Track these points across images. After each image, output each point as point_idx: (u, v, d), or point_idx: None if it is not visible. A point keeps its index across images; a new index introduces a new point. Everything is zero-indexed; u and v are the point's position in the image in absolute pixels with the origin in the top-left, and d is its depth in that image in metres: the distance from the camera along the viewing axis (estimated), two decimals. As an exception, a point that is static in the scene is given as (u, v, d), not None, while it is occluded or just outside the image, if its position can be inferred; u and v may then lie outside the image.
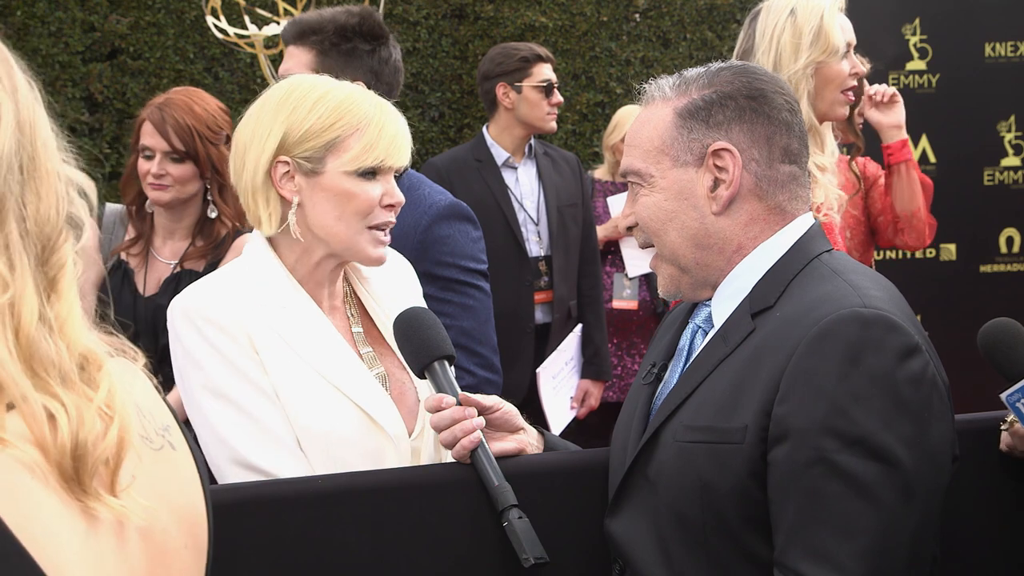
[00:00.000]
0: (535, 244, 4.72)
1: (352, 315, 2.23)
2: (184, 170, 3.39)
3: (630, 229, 1.97)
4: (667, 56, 6.47)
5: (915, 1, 6.11)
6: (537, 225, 4.74)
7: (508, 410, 2.05)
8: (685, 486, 1.79)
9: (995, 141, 6.17)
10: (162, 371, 3.29)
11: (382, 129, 2.09)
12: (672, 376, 1.95)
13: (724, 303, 1.89)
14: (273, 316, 2.08)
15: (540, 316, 4.71)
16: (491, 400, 2.03)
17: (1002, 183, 6.19)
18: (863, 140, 3.61)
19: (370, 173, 2.09)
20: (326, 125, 2.07)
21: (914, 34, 6.13)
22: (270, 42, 5.15)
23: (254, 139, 2.11)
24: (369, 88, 2.69)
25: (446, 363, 2.02)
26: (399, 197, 2.13)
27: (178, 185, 3.40)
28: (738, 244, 1.88)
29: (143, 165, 3.41)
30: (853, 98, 3.13)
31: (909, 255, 6.19)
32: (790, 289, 1.82)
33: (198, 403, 2.06)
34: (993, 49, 6.14)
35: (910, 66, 6.14)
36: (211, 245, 3.42)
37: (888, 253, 6.19)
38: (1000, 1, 6.09)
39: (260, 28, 5.12)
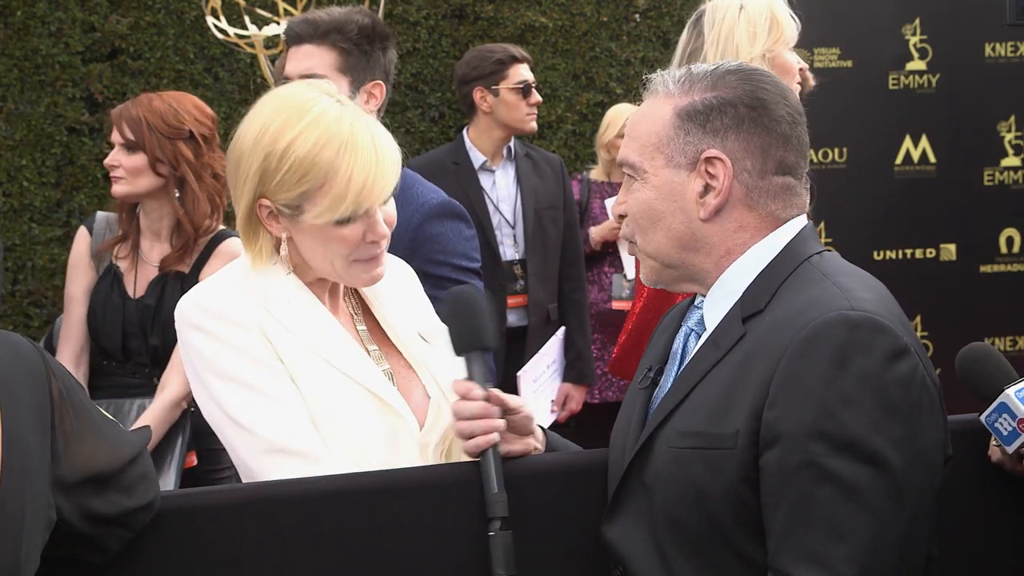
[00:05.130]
0: (510, 248, 4.69)
1: (355, 313, 2.23)
2: (134, 161, 3.39)
3: (621, 217, 1.96)
4: (667, 56, 6.46)
5: (915, 1, 6.11)
6: (513, 228, 4.70)
7: (527, 414, 2.05)
8: (680, 492, 1.78)
9: (995, 141, 6.16)
10: (154, 372, 3.34)
11: (350, 180, 2.01)
12: (667, 380, 1.95)
13: (716, 306, 1.89)
14: (279, 309, 2.08)
15: (515, 320, 4.67)
16: (515, 401, 2.02)
17: (1002, 183, 6.18)
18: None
19: (345, 220, 2.04)
20: (296, 179, 2.02)
21: (914, 34, 6.13)
22: (270, 42, 5.15)
23: (237, 175, 2.10)
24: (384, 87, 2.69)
25: (485, 355, 2.01)
26: (381, 231, 2.08)
27: (130, 177, 3.40)
28: (726, 249, 1.87)
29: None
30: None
31: (909, 255, 6.19)
32: (780, 293, 1.82)
33: (218, 399, 2.05)
34: (993, 49, 6.14)
35: (910, 66, 6.14)
36: (187, 246, 3.41)
37: (888, 253, 6.19)
38: (1000, 1, 6.09)
39: (260, 28, 5.12)
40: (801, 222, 1.91)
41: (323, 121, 2.03)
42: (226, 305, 2.06)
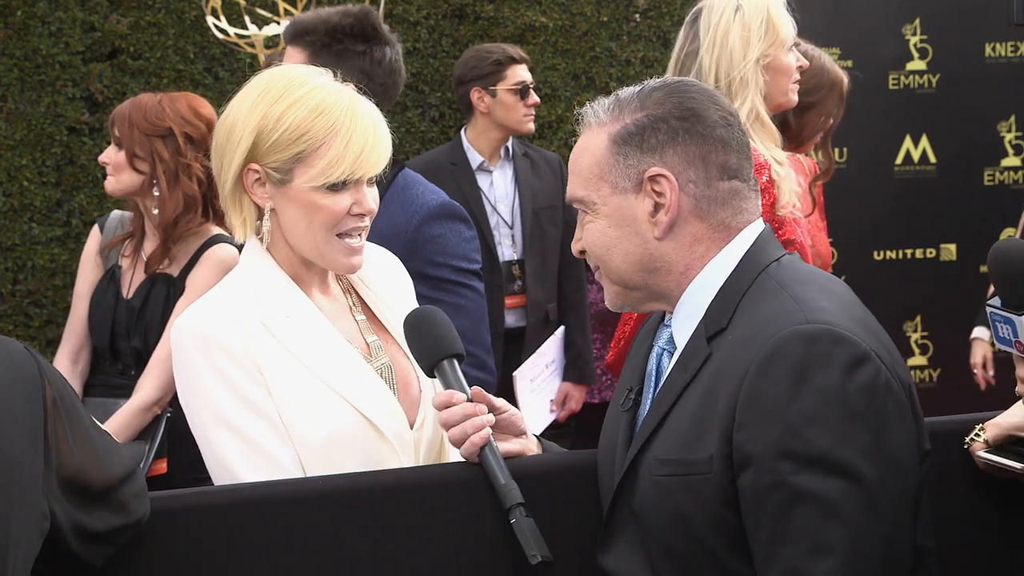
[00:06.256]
0: (508, 248, 4.68)
1: (353, 303, 2.23)
2: (119, 157, 3.39)
3: (582, 253, 1.97)
4: (667, 56, 6.44)
5: (915, 1, 6.11)
6: (511, 229, 4.69)
7: (514, 413, 2.07)
8: (667, 519, 1.79)
9: (995, 141, 6.17)
10: (140, 373, 3.32)
11: (349, 143, 2.04)
12: (646, 403, 1.95)
13: (682, 324, 1.89)
14: (278, 327, 2.08)
15: (513, 320, 4.66)
16: (500, 401, 2.04)
17: (1002, 183, 6.19)
18: (832, 163, 3.72)
19: (338, 185, 2.06)
20: (292, 138, 2.04)
21: (914, 34, 6.12)
22: (270, 42, 5.15)
23: (228, 142, 2.10)
24: (361, 89, 2.69)
25: (455, 361, 2.03)
26: (368, 206, 2.10)
27: (115, 174, 3.40)
28: (685, 265, 1.88)
29: None
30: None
31: (909, 255, 6.18)
32: (741, 309, 1.82)
33: (204, 430, 2.06)
34: (993, 49, 6.14)
35: (910, 66, 6.14)
36: (164, 246, 3.39)
37: (888, 253, 6.19)
38: (1000, 1, 6.09)
39: (260, 28, 5.11)
40: (756, 229, 1.90)
41: (324, 91, 2.07)
42: (221, 331, 2.05)
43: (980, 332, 5.15)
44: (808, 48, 3.56)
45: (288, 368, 2.06)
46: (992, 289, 1.91)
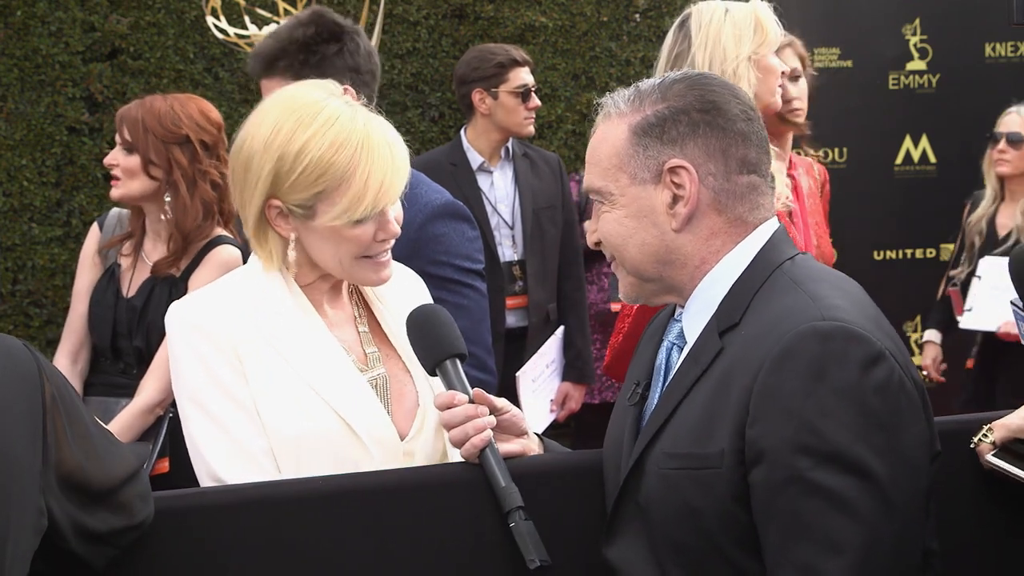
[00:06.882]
0: (509, 248, 4.68)
1: (359, 314, 2.23)
2: (130, 162, 3.35)
3: (597, 244, 1.96)
4: (667, 56, 6.45)
5: (915, 1, 6.12)
6: (512, 229, 4.69)
7: (516, 413, 2.06)
8: (674, 513, 1.79)
9: (995, 141, 6.16)
10: (141, 373, 3.32)
11: (368, 178, 2.03)
12: (653, 397, 1.95)
13: (693, 319, 1.89)
14: (266, 321, 2.09)
15: (514, 320, 4.66)
16: (501, 401, 2.03)
17: (1002, 183, 6.19)
18: (807, 125, 3.76)
19: (362, 219, 2.06)
20: (312, 178, 2.03)
21: (914, 34, 6.13)
22: (270, 42, 5.15)
23: (246, 179, 2.09)
24: (354, 84, 2.66)
25: (458, 361, 2.03)
26: (393, 230, 2.11)
27: (126, 179, 3.36)
28: (700, 259, 1.87)
29: None
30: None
31: (909, 255, 6.19)
32: (754, 305, 1.81)
33: (183, 411, 2.09)
34: (993, 49, 6.15)
35: (910, 66, 6.14)
36: (178, 251, 3.38)
37: (888, 253, 6.19)
38: (1000, 1, 6.10)
39: (260, 28, 5.12)
40: (771, 227, 1.90)
41: (338, 122, 2.04)
42: (207, 320, 2.07)
43: (931, 335, 5.20)
44: None
45: (268, 361, 2.07)
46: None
